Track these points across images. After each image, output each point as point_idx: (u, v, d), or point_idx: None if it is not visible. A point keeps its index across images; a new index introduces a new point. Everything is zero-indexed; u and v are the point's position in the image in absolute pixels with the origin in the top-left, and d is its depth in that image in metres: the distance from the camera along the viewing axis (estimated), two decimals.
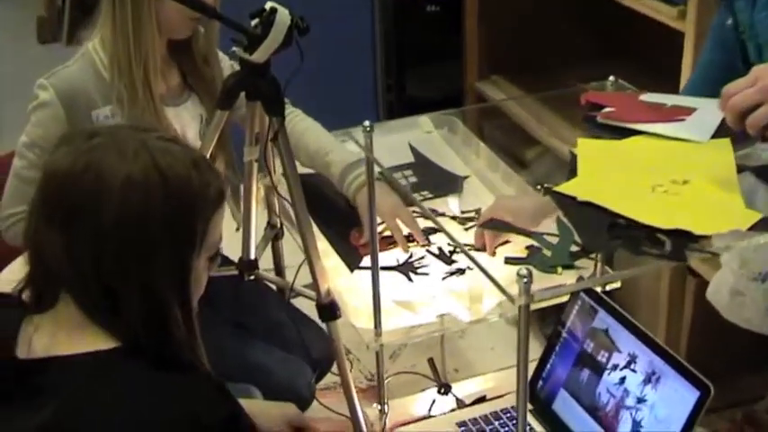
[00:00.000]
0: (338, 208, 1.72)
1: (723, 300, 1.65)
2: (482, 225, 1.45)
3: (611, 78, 1.48)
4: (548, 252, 1.11)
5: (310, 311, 1.70)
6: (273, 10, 1.37)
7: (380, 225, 1.62)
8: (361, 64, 2.96)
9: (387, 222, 1.63)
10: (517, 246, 1.56)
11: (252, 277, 1.73)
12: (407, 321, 1.50)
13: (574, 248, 1.09)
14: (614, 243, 1.07)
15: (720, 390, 1.28)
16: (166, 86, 1.65)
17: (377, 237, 1.45)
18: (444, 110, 2.13)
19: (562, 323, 1.53)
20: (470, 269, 1.57)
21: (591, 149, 1.29)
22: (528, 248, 1.42)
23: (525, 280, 0.98)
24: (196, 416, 0.92)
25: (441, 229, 1.19)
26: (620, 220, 1.10)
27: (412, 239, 1.64)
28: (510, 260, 1.20)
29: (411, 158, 1.89)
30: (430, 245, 1.64)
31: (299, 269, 1.62)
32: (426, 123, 1.97)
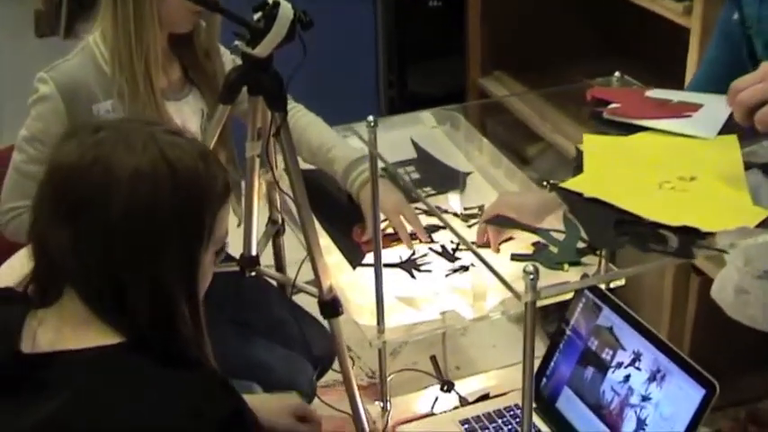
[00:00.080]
0: (340, 204, 1.72)
1: (728, 297, 1.65)
2: (487, 221, 1.44)
3: (616, 74, 1.48)
4: (554, 249, 1.11)
5: (311, 308, 1.69)
6: (276, 3, 1.36)
7: (383, 222, 1.61)
8: (362, 59, 2.96)
9: (390, 219, 1.63)
10: (521, 242, 1.56)
11: (253, 273, 1.73)
12: (410, 318, 1.50)
13: (580, 245, 1.09)
14: (621, 240, 1.06)
15: (724, 388, 1.27)
16: (167, 81, 1.65)
17: (380, 233, 1.44)
18: (446, 105, 2.12)
19: (566, 321, 1.52)
20: (474, 266, 1.56)
21: (597, 145, 1.28)
22: (534, 245, 1.42)
23: (532, 276, 0.98)
24: (200, 411, 0.92)
25: (446, 226, 1.19)
26: (626, 217, 1.09)
27: (415, 237, 1.64)
28: (516, 257, 1.19)
29: (413, 154, 1.89)
30: (433, 242, 1.63)
31: (301, 265, 1.62)
32: (429, 119, 1.96)
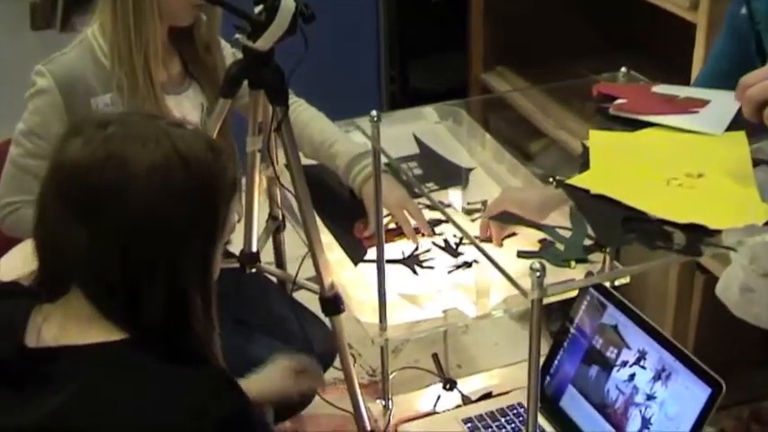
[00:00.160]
0: (342, 200, 1.71)
1: (733, 296, 1.64)
2: (492, 218, 1.44)
3: (622, 70, 1.47)
4: (560, 246, 1.10)
5: (312, 305, 1.69)
6: None
7: (385, 217, 1.61)
8: (364, 54, 2.95)
9: (394, 214, 1.62)
10: (524, 238, 1.55)
11: (253, 270, 1.72)
12: (412, 316, 1.49)
13: (586, 242, 1.09)
14: (628, 237, 1.06)
15: (728, 387, 1.27)
16: (167, 74, 1.64)
17: (383, 229, 1.44)
18: (449, 101, 2.12)
19: (570, 319, 1.52)
20: (477, 262, 1.56)
21: (603, 141, 1.28)
22: (540, 242, 1.42)
23: (538, 274, 0.98)
24: (204, 409, 0.92)
25: (450, 221, 1.18)
26: (633, 214, 1.09)
27: (417, 231, 1.64)
28: (522, 254, 1.19)
29: (415, 150, 1.88)
30: (436, 235, 1.63)
31: (303, 262, 1.61)
32: (431, 114, 1.96)
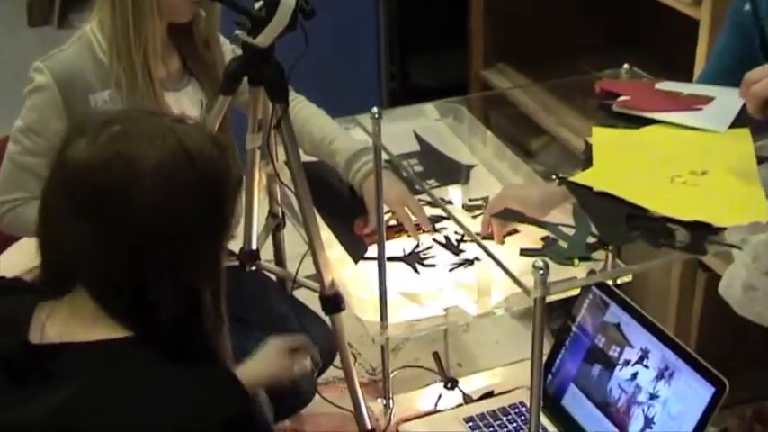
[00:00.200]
0: (342, 197, 1.71)
1: (735, 294, 1.64)
2: (495, 215, 1.43)
3: (625, 66, 1.47)
4: (563, 244, 1.10)
5: (312, 303, 1.68)
6: None
7: (386, 214, 1.60)
8: (364, 51, 2.94)
9: (395, 211, 1.62)
10: (526, 236, 1.55)
11: (253, 268, 1.72)
12: (413, 314, 1.49)
13: (590, 240, 1.08)
14: (632, 235, 1.05)
15: (730, 386, 1.27)
16: (166, 71, 1.63)
17: (384, 226, 1.43)
18: (449, 98, 2.11)
19: (572, 317, 1.52)
20: (478, 260, 1.55)
21: (606, 139, 1.27)
22: (543, 239, 1.41)
23: (542, 272, 0.97)
24: (207, 409, 0.92)
25: (452, 218, 1.18)
26: (637, 212, 1.08)
27: (418, 228, 1.63)
28: (525, 252, 1.19)
29: (416, 147, 1.88)
30: (437, 232, 1.62)
31: (303, 260, 1.61)
32: (432, 111, 1.95)
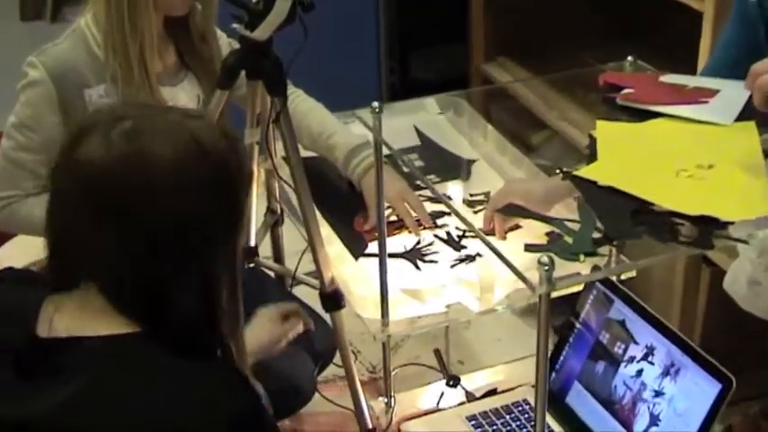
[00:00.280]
0: (341, 193, 1.70)
1: (740, 290, 1.64)
2: (499, 210, 1.43)
3: (629, 59, 1.46)
4: (569, 239, 1.10)
5: (311, 300, 1.68)
6: None
7: (386, 210, 1.60)
8: (363, 44, 2.93)
9: (395, 206, 1.61)
10: (528, 231, 1.55)
11: (251, 265, 1.71)
12: (415, 311, 1.48)
13: (595, 235, 1.08)
14: (638, 230, 1.05)
15: (735, 383, 1.27)
16: (162, 65, 1.62)
17: (385, 222, 1.43)
18: (450, 92, 2.10)
19: (576, 314, 1.51)
20: (480, 256, 1.55)
21: (610, 132, 1.27)
22: (548, 235, 1.41)
23: (546, 268, 0.97)
24: (217, 403, 0.92)
25: (454, 213, 1.18)
26: (643, 206, 1.08)
27: (418, 224, 1.63)
28: (530, 247, 1.18)
29: (416, 141, 1.87)
30: (437, 227, 1.62)
31: (302, 256, 1.60)
32: (432, 106, 1.95)
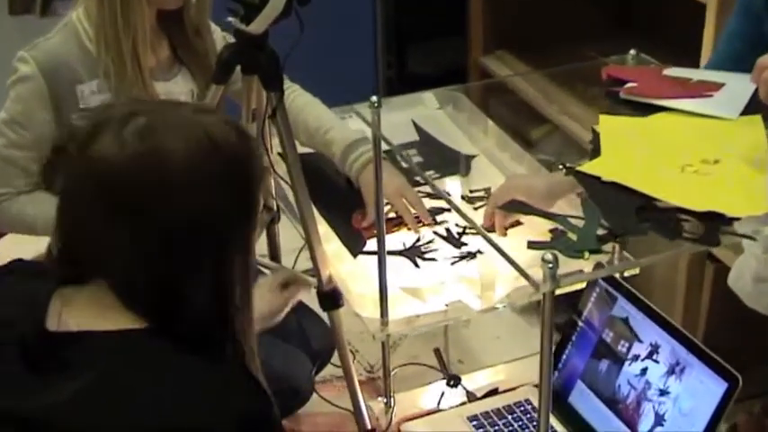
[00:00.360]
0: (339, 189, 1.69)
1: (745, 286, 1.63)
2: (502, 207, 1.42)
3: (632, 52, 1.46)
4: (573, 236, 1.09)
5: (309, 300, 1.67)
6: None
7: (384, 207, 1.59)
8: (360, 38, 2.92)
9: (393, 203, 1.61)
10: (529, 228, 1.54)
11: None
12: (414, 310, 1.48)
13: (600, 231, 1.08)
14: (644, 226, 1.04)
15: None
16: (156, 60, 1.61)
17: (384, 218, 1.42)
18: (448, 86, 2.10)
19: (578, 312, 1.51)
20: (481, 253, 1.54)
21: (614, 127, 1.27)
22: (551, 231, 1.41)
23: (551, 265, 0.96)
24: (225, 402, 0.92)
25: (455, 210, 1.17)
26: (648, 202, 1.07)
27: (417, 220, 1.62)
28: (533, 244, 1.18)
29: (415, 137, 1.87)
30: (437, 224, 1.61)
31: (299, 254, 1.60)
32: (431, 100, 1.94)
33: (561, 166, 1.23)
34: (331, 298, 1.54)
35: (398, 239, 1.60)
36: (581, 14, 2.59)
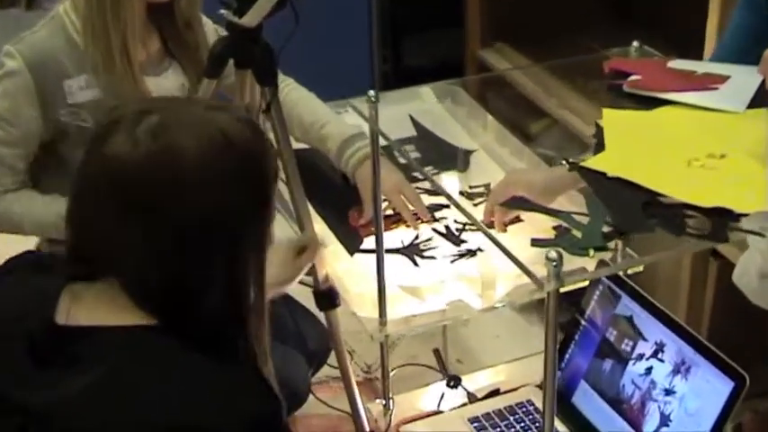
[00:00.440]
0: (335, 186, 1.69)
1: (751, 283, 1.63)
2: (503, 203, 1.42)
3: (634, 44, 1.45)
4: (577, 233, 1.09)
5: (304, 299, 1.66)
6: None
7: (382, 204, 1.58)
8: (355, 30, 2.91)
9: (391, 199, 1.60)
10: (530, 224, 1.54)
11: None
12: (413, 309, 1.47)
13: (605, 228, 1.08)
14: (650, 223, 1.04)
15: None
16: (146, 54, 1.60)
17: (381, 215, 1.41)
18: (445, 80, 2.09)
19: (581, 310, 1.50)
20: (481, 250, 1.54)
21: (618, 121, 1.26)
22: (555, 229, 1.40)
23: (555, 263, 0.96)
24: (232, 403, 0.92)
25: (456, 206, 1.17)
26: (654, 198, 1.07)
27: (416, 218, 1.62)
28: (537, 242, 1.17)
29: (412, 132, 1.86)
30: (435, 220, 1.61)
31: None
32: (428, 94, 1.93)
33: (564, 162, 1.22)
34: (327, 297, 1.54)
35: (396, 237, 1.59)
36: (581, 6, 2.58)
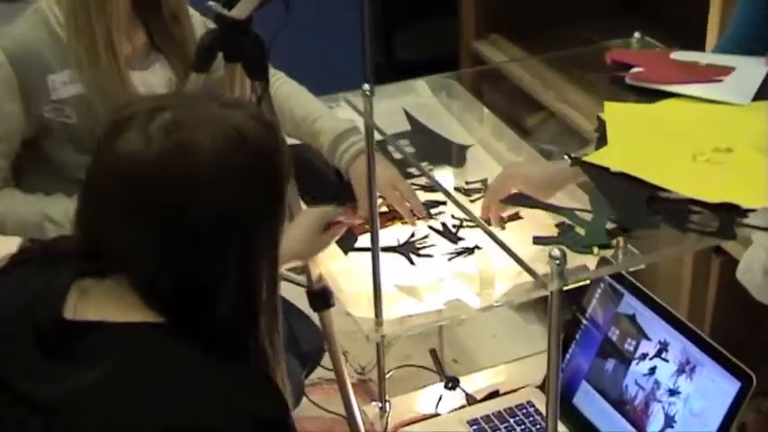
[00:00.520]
0: (328, 182, 1.67)
1: (755, 279, 1.63)
2: (504, 200, 1.41)
3: (636, 35, 1.44)
4: (581, 230, 1.08)
5: (297, 299, 1.65)
6: None
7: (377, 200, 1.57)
8: (347, 22, 2.90)
9: (386, 196, 1.59)
10: (529, 221, 1.53)
11: None
12: (410, 309, 1.46)
13: (609, 225, 1.07)
14: (655, 219, 1.03)
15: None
16: (131, 47, 1.59)
17: (377, 212, 1.40)
18: (438, 73, 2.08)
19: (582, 309, 1.50)
20: (479, 248, 1.53)
21: (620, 114, 1.25)
22: (558, 226, 1.39)
23: (558, 262, 0.95)
24: (236, 405, 0.92)
25: (454, 203, 1.17)
26: (659, 193, 1.06)
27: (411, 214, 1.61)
28: (539, 240, 1.16)
29: (406, 126, 1.85)
30: (432, 217, 1.60)
31: None
32: (423, 88, 1.92)
33: (566, 156, 1.21)
34: (321, 297, 1.53)
35: (392, 235, 1.59)
36: None
